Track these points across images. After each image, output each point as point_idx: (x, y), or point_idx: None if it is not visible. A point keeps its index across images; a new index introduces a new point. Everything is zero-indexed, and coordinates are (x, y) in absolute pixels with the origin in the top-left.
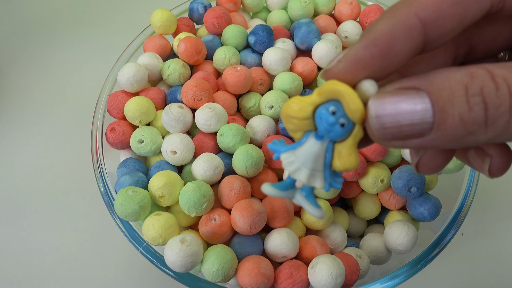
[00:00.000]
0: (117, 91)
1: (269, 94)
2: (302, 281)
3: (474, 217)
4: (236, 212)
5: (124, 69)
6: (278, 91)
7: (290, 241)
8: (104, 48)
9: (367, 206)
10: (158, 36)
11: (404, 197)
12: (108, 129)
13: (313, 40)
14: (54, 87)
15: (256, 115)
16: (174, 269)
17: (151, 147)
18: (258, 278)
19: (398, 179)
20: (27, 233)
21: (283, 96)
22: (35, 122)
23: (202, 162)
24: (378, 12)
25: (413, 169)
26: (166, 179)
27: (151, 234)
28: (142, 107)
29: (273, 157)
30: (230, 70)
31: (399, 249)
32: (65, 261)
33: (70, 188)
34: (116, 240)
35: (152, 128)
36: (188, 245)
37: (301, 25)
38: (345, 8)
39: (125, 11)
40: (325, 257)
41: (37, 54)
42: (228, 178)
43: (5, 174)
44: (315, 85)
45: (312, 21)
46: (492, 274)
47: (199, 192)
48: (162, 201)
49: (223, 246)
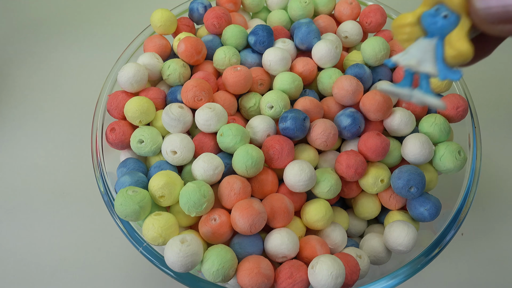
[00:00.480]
0: (117, 91)
1: (269, 94)
2: (302, 281)
3: (474, 217)
4: (236, 212)
5: (124, 69)
6: (278, 91)
7: (290, 241)
8: (104, 48)
9: (367, 206)
10: (158, 36)
11: (404, 197)
12: (108, 129)
13: (313, 40)
14: (54, 87)
15: (256, 115)
16: (174, 269)
17: (151, 147)
18: (258, 278)
19: (398, 179)
20: (27, 233)
21: (283, 96)
22: (35, 122)
23: (202, 162)
24: (378, 12)
25: (413, 169)
26: (166, 179)
27: (151, 234)
28: (142, 107)
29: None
30: (230, 70)
31: (399, 249)
32: (65, 261)
33: (70, 188)
34: (116, 240)
35: (152, 128)
36: (188, 245)
37: (301, 25)
38: (345, 8)
39: (125, 11)
40: (325, 257)
41: (37, 54)
42: (228, 178)
43: (5, 174)
44: (315, 85)
45: (312, 21)
46: (492, 274)
47: (199, 192)
48: (162, 201)
49: (223, 246)
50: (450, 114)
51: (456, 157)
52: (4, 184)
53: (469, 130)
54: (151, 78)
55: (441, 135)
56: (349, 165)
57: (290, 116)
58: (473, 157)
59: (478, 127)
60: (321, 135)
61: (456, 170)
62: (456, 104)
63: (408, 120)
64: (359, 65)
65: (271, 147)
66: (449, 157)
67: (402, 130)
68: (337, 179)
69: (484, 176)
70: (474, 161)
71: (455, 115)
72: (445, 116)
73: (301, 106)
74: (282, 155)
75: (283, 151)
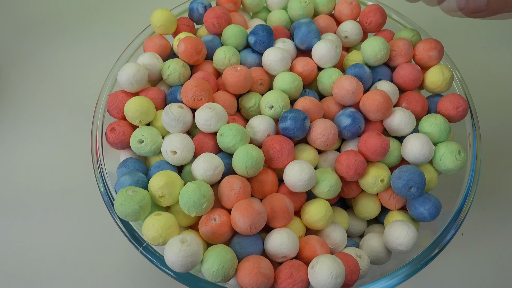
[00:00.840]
0: (117, 91)
1: (269, 94)
2: (302, 281)
3: (474, 217)
4: (236, 212)
5: (124, 69)
6: (278, 91)
7: (290, 241)
8: (104, 47)
9: (367, 206)
10: (158, 36)
11: (404, 197)
12: (108, 129)
13: (313, 40)
14: (54, 87)
15: (256, 115)
16: (174, 269)
17: (151, 147)
18: (258, 278)
19: (398, 179)
20: (27, 233)
21: (283, 96)
22: (35, 122)
23: (202, 162)
24: (378, 12)
25: (413, 169)
26: (166, 179)
27: (151, 234)
28: (142, 107)
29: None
30: (230, 70)
31: (399, 249)
32: (65, 261)
33: (70, 188)
34: (116, 240)
35: (152, 128)
36: (188, 245)
37: (301, 25)
38: (345, 8)
39: (125, 11)
40: (325, 257)
41: (37, 54)
42: (228, 178)
43: (5, 174)
44: (315, 85)
45: (312, 21)
46: (492, 274)
47: (199, 192)
48: (162, 201)
49: (223, 246)
50: (450, 114)
51: (456, 157)
52: (4, 183)
53: (469, 130)
54: (151, 78)
55: (441, 135)
56: (349, 165)
57: (290, 116)
58: (473, 157)
59: (478, 127)
60: (321, 135)
61: (456, 170)
62: (456, 104)
63: (408, 120)
64: (359, 65)
65: (271, 147)
66: (449, 157)
67: (402, 130)
68: (337, 179)
69: (484, 176)
70: (474, 161)
71: (455, 115)
72: (445, 116)
73: (301, 106)
74: (282, 155)
75: (283, 151)
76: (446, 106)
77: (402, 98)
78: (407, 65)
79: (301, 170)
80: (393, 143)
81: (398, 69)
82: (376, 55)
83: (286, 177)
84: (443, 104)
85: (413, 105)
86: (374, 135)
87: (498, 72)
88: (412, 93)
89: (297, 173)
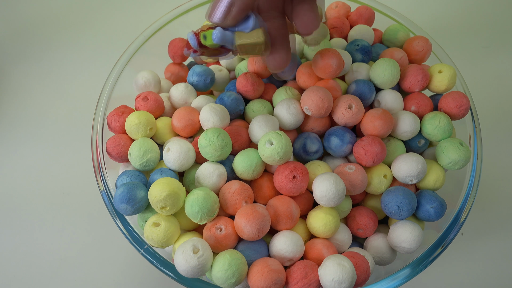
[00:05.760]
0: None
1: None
2: (316, 281)
3: (474, 217)
4: (241, 219)
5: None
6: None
7: (295, 244)
8: (105, 48)
9: (372, 208)
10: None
11: (392, 217)
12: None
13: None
14: (54, 87)
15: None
16: (185, 275)
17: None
18: (272, 275)
19: (388, 203)
20: (27, 234)
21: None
22: (35, 123)
23: (204, 168)
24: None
25: (402, 191)
26: (169, 189)
27: (151, 244)
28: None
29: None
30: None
31: (403, 246)
32: (66, 262)
33: (71, 189)
34: (116, 241)
35: (147, 140)
36: (201, 255)
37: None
38: (331, 14)
39: (126, 12)
40: (329, 261)
41: (37, 54)
42: (228, 183)
43: (6, 175)
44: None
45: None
46: (492, 274)
47: (210, 200)
48: (164, 212)
49: (233, 251)
50: (452, 112)
51: (458, 147)
52: (4, 184)
53: (469, 130)
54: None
55: (444, 137)
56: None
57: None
58: (474, 156)
59: (478, 127)
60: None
61: (462, 162)
62: (459, 102)
63: (415, 127)
64: (366, 82)
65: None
66: (452, 148)
67: (407, 135)
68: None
69: (484, 176)
70: (475, 161)
71: (457, 113)
72: (447, 113)
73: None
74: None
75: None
76: (448, 104)
77: (411, 101)
78: (415, 68)
79: (335, 184)
80: (393, 143)
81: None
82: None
83: (316, 190)
84: (446, 102)
85: (422, 108)
86: (376, 142)
87: (498, 72)
88: (419, 96)
89: (331, 187)
